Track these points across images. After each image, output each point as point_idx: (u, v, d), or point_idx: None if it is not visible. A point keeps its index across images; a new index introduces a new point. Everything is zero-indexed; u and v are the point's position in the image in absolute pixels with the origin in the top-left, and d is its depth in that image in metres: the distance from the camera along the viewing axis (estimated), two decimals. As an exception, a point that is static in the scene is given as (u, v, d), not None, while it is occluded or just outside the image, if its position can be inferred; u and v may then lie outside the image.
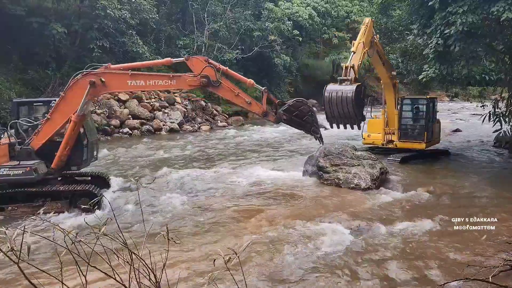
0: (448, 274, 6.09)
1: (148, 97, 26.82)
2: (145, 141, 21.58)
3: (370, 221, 8.61)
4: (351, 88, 11.06)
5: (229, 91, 10.05)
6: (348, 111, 11.02)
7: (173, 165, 14.99)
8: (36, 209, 8.90)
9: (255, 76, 37.54)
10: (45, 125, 9.41)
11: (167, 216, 9.16)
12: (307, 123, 10.25)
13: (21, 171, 9.11)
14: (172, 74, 9.99)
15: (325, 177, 12.01)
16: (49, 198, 9.45)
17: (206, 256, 6.66)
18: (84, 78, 9.26)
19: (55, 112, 9.33)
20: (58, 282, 2.43)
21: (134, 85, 9.65)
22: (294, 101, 10.48)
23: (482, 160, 15.83)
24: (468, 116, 31.89)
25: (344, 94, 11.00)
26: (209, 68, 9.67)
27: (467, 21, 11.05)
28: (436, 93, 40.34)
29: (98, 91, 9.59)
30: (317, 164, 12.42)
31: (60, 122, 9.41)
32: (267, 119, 10.31)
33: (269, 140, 22.17)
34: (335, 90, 11.24)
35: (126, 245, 2.62)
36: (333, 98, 11.07)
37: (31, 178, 9.17)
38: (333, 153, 12.55)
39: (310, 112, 10.32)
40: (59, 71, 24.38)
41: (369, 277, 6.04)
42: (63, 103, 9.32)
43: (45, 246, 6.65)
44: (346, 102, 10.94)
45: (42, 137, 9.42)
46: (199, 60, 9.85)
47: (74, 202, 9.48)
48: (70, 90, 9.32)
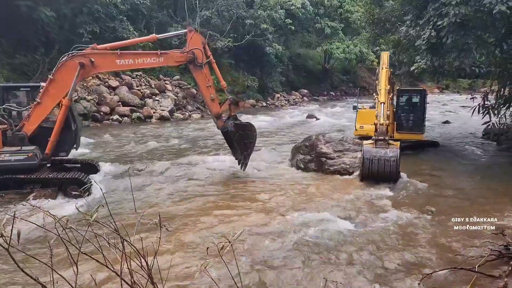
0: (435, 263, 6.18)
1: (138, 84, 26.58)
2: (135, 128, 21.42)
3: (362, 209, 8.70)
4: (395, 155, 10.51)
5: (204, 79, 10.38)
6: (390, 174, 10.62)
7: (164, 152, 14.93)
8: (25, 196, 8.81)
9: (247, 65, 37.51)
10: (36, 109, 9.17)
11: (159, 203, 9.14)
12: (244, 146, 10.80)
13: (23, 157, 8.96)
14: (159, 51, 10.02)
15: (330, 163, 11.96)
16: (38, 185, 9.27)
17: (199, 244, 6.66)
18: (73, 60, 9.09)
19: (45, 95, 9.11)
20: (49, 268, 2.41)
21: (123, 64, 9.65)
22: (247, 123, 11.11)
23: (470, 152, 16.01)
24: (458, 108, 32.16)
25: (387, 162, 10.47)
26: (200, 51, 9.98)
27: (460, 12, 11.08)
28: (427, 85, 40.61)
29: (88, 72, 9.48)
30: (319, 151, 12.31)
31: (50, 105, 9.22)
32: (216, 121, 10.66)
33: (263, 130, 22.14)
34: (375, 156, 10.53)
35: (118, 232, 2.60)
36: (374, 164, 10.52)
37: (33, 164, 9.07)
38: (335, 140, 12.58)
39: (253, 141, 10.97)
40: (48, 56, 23.95)
41: (359, 265, 6.11)
42: (53, 85, 9.12)
43: (35, 232, 6.60)
44: (390, 169, 10.52)
45: (33, 122, 9.20)
46: (199, 38, 10.14)
47: (63, 189, 9.39)
48: (58, 72, 9.12)
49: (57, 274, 2.46)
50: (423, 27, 12.87)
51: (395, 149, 10.71)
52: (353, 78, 54.27)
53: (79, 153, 14.29)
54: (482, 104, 16.16)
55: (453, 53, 13.29)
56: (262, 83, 37.68)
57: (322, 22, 42.93)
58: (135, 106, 24.86)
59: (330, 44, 43.39)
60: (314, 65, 49.58)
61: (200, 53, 10.05)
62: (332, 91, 48.50)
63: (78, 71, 9.03)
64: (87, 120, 21.94)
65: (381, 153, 10.60)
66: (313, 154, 12.48)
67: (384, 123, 11.04)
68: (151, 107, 25.73)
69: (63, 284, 2.56)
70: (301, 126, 23.59)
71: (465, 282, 5.45)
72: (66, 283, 2.52)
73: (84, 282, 4.39)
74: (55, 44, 24.58)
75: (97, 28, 25.10)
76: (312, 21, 44.58)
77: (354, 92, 46.37)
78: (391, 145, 10.88)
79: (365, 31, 28.07)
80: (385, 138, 10.86)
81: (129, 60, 9.66)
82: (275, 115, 29.37)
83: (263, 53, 37.20)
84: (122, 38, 26.65)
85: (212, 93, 10.53)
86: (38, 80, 20.94)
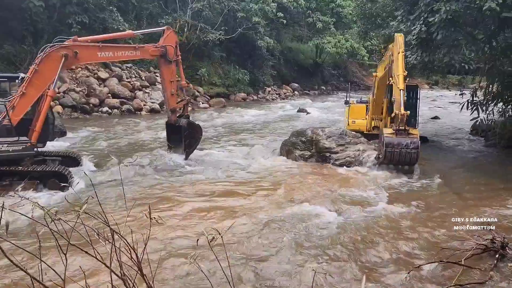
0: (423, 256, 6.27)
1: (128, 76, 26.33)
2: (125, 120, 21.26)
3: (351, 202, 8.78)
4: (416, 146, 10.58)
5: (169, 74, 11.44)
6: (410, 163, 10.86)
7: (155, 145, 14.84)
8: (2, 189, 8.46)
9: (238, 58, 37.38)
10: (20, 100, 9.10)
11: (150, 196, 9.10)
12: (189, 144, 11.76)
13: (21, 147, 9.03)
14: (137, 45, 11.10)
15: (334, 157, 12.08)
16: (17, 177, 8.97)
17: (189, 236, 6.66)
18: (57, 51, 9.21)
19: (29, 86, 9.09)
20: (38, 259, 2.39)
21: (104, 56, 10.32)
22: (198, 125, 12.31)
23: (458, 147, 16.21)
24: (447, 104, 32.46)
25: (408, 154, 10.58)
26: (172, 47, 11.09)
27: (451, 9, 11.14)
28: (417, 80, 40.81)
29: (70, 63, 9.89)
30: (321, 146, 12.35)
31: (35, 95, 9.23)
32: (170, 115, 11.62)
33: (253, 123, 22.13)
34: (397, 145, 10.60)
35: (108, 224, 2.59)
36: (395, 154, 10.63)
37: (31, 153, 9.27)
38: (335, 134, 12.65)
39: (197, 142, 12.13)
40: (36, 46, 23.58)
41: (348, 257, 6.17)
42: (36, 76, 9.12)
43: (23, 224, 6.55)
44: (410, 158, 10.69)
45: (18, 112, 9.12)
46: (174, 37, 11.42)
47: (43, 183, 9.21)
48: (42, 63, 9.15)
49: (46, 264, 2.44)
50: (413, 22, 12.94)
51: (415, 140, 10.75)
52: (344, 72, 54.39)
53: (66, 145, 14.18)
54: (470, 100, 16.35)
55: (443, 49, 13.40)
56: (253, 77, 37.59)
57: (314, 16, 42.85)
58: (125, 98, 24.61)
59: (321, 38, 43.38)
60: (305, 59, 49.54)
61: (172, 50, 11.18)
62: (323, 86, 48.57)
63: (62, 62, 9.19)
64: (76, 112, 21.70)
65: (403, 144, 10.62)
66: (313, 149, 12.51)
67: (405, 114, 10.86)
68: (141, 100, 25.53)
69: (52, 275, 2.54)
70: (292, 120, 23.64)
71: (452, 275, 5.53)
72: (55, 274, 2.51)
73: (73, 273, 4.37)
74: (43, 34, 24.22)
75: (86, 18, 24.76)
76: (304, 15, 44.49)
77: (345, 86, 46.41)
78: (411, 135, 10.91)
79: (356, 25, 28.11)
80: (405, 128, 10.86)
81: (110, 53, 10.33)
82: (266, 108, 29.37)
83: (254, 47, 37.08)
84: (112, 29, 26.38)
85: (173, 88, 11.52)
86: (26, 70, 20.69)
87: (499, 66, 14.43)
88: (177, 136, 11.83)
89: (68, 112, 21.08)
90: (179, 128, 11.64)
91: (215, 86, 33.13)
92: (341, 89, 48.29)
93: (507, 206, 8.88)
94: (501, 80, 15.41)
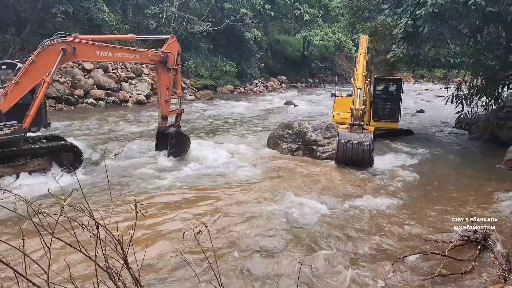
0: (406, 248, 6.36)
1: (114, 67, 25.97)
2: (110, 112, 21.02)
3: (338, 194, 8.85)
4: (368, 140, 10.83)
5: (167, 81, 11.36)
6: (363, 158, 10.92)
7: (142, 137, 14.72)
8: (18, 168, 9.17)
9: (226, 50, 37.19)
10: (14, 88, 9.36)
11: (136, 188, 9.04)
12: (173, 152, 11.52)
13: (9, 130, 9.15)
14: (137, 48, 11.02)
15: (321, 150, 12.12)
16: (29, 156, 9.45)
17: (175, 229, 6.64)
18: (55, 45, 9.42)
19: (24, 76, 9.33)
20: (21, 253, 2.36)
21: (102, 56, 10.32)
22: (187, 137, 12.20)
23: (443, 140, 16.43)
24: (432, 97, 32.83)
25: (361, 147, 10.79)
26: (173, 55, 11.15)
27: (437, 2, 11.23)
28: (403, 74, 41.20)
29: (68, 59, 10.00)
30: (308, 139, 12.39)
31: (29, 85, 9.45)
32: (161, 121, 11.52)
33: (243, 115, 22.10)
34: (349, 140, 10.86)
35: (93, 216, 2.56)
36: (348, 148, 10.86)
37: (21, 136, 9.38)
38: (322, 127, 12.69)
39: (183, 152, 11.85)
40: (19, 36, 23.14)
41: (333, 249, 6.23)
42: (33, 67, 9.38)
43: (6, 217, 6.45)
44: (363, 153, 10.83)
45: (10, 100, 9.34)
46: (176, 46, 11.41)
47: (56, 159, 9.73)
48: (40, 55, 9.37)
49: (30, 259, 2.41)
50: (400, 16, 13.02)
51: (368, 134, 11.00)
52: (331, 65, 54.54)
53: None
54: (455, 94, 16.58)
55: (429, 43, 13.52)
56: (240, 69, 37.44)
57: (301, 8, 42.75)
58: (111, 90, 24.31)
59: (309, 31, 43.33)
60: (293, 52, 49.52)
61: (172, 58, 11.16)
62: (310, 79, 48.65)
63: (60, 56, 9.37)
64: (60, 103, 21.36)
65: (355, 138, 10.89)
66: (300, 142, 12.53)
67: (359, 108, 11.25)
68: (127, 91, 25.24)
69: (35, 268, 2.51)
70: (279, 113, 23.66)
71: (435, 265, 5.63)
72: (39, 268, 2.48)
73: (58, 267, 4.33)
74: (26, 24, 23.75)
75: (71, 8, 24.29)
76: (292, 7, 44.40)
77: (332, 79, 46.65)
78: (365, 130, 11.19)
79: (343, 18, 28.15)
80: (359, 123, 11.14)
81: (108, 53, 10.35)
82: (253, 101, 29.32)
83: (241, 39, 36.89)
84: (97, 19, 25.99)
85: (168, 95, 11.48)
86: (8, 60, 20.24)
87: (483, 60, 14.65)
88: (165, 144, 11.69)
89: (52, 104, 20.71)
90: (166, 136, 11.55)
91: (202, 78, 32.92)
92: (328, 82, 48.46)
93: (490, 197, 9.07)
94: (485, 74, 15.66)
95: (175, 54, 11.27)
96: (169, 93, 11.48)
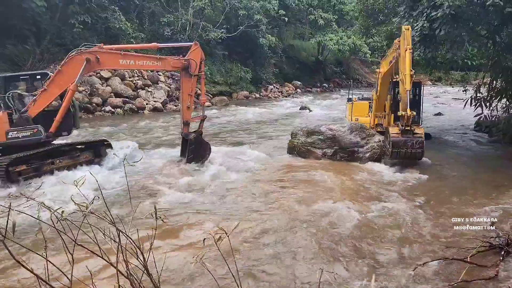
0: (429, 253, 6.25)
1: (131, 75, 26.35)
2: (128, 119, 21.28)
3: (359, 199, 8.76)
4: (420, 145, 11.15)
5: (189, 87, 11.31)
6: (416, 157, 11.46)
7: (161, 144, 14.84)
8: (76, 160, 10.95)
9: (240, 56, 37.34)
10: (42, 95, 10.21)
11: (156, 195, 9.10)
12: (191, 158, 11.52)
13: (29, 133, 10.10)
14: (159, 56, 11.42)
15: (362, 150, 12.30)
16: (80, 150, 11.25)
17: (196, 235, 6.66)
18: (80, 55, 10.18)
19: (51, 84, 10.17)
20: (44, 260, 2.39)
21: (125, 64, 10.92)
22: (207, 143, 12.16)
23: (462, 143, 16.13)
24: (450, 100, 32.33)
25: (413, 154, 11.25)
26: (195, 62, 11.13)
27: (454, 4, 11.08)
28: (420, 77, 40.67)
29: (93, 67, 10.72)
30: (347, 141, 12.44)
31: (56, 93, 10.32)
32: (183, 127, 11.60)
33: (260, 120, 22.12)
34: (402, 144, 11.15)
35: (114, 223, 2.59)
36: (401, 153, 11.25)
37: (39, 138, 10.27)
38: (357, 128, 12.88)
39: (203, 159, 11.80)
40: (38, 47, 23.67)
41: (356, 255, 6.15)
42: (59, 76, 10.22)
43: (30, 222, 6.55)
44: (415, 157, 11.40)
45: (38, 106, 10.22)
46: (200, 53, 11.36)
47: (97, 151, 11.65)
48: (66, 65, 10.21)
49: (52, 265, 2.45)
50: (416, 18, 12.88)
51: (420, 139, 11.25)
52: (346, 70, 54.27)
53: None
54: (474, 97, 16.27)
55: (446, 45, 13.33)
56: (255, 75, 37.54)
57: (316, 13, 42.73)
58: (128, 98, 24.67)
59: (323, 35, 43.23)
60: (307, 57, 49.45)
61: (194, 64, 11.13)
62: (325, 83, 48.47)
63: (84, 65, 10.09)
64: (79, 111, 21.71)
65: (408, 143, 11.12)
66: (336, 146, 12.46)
67: (411, 114, 11.10)
68: (144, 99, 25.57)
69: (58, 275, 2.54)
70: (295, 118, 23.59)
71: (458, 272, 5.51)
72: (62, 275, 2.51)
73: (80, 273, 4.37)
74: (46, 34, 24.28)
75: (89, 18, 24.79)
76: (306, 12, 44.41)
77: (347, 84, 46.36)
78: (416, 134, 11.38)
79: (358, 22, 28.00)
80: (411, 128, 11.25)
81: (131, 61, 10.82)
82: (268, 106, 29.34)
83: (256, 44, 37.01)
84: (114, 28, 26.42)
85: (190, 102, 11.43)
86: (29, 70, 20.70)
87: (502, 62, 14.36)
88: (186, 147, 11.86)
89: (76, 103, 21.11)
90: (186, 143, 11.65)
91: (217, 84, 33.11)
92: (343, 86, 48.19)
93: (511, 202, 8.85)
94: (504, 76, 15.33)
95: (197, 61, 11.23)
96: (191, 99, 11.42)
